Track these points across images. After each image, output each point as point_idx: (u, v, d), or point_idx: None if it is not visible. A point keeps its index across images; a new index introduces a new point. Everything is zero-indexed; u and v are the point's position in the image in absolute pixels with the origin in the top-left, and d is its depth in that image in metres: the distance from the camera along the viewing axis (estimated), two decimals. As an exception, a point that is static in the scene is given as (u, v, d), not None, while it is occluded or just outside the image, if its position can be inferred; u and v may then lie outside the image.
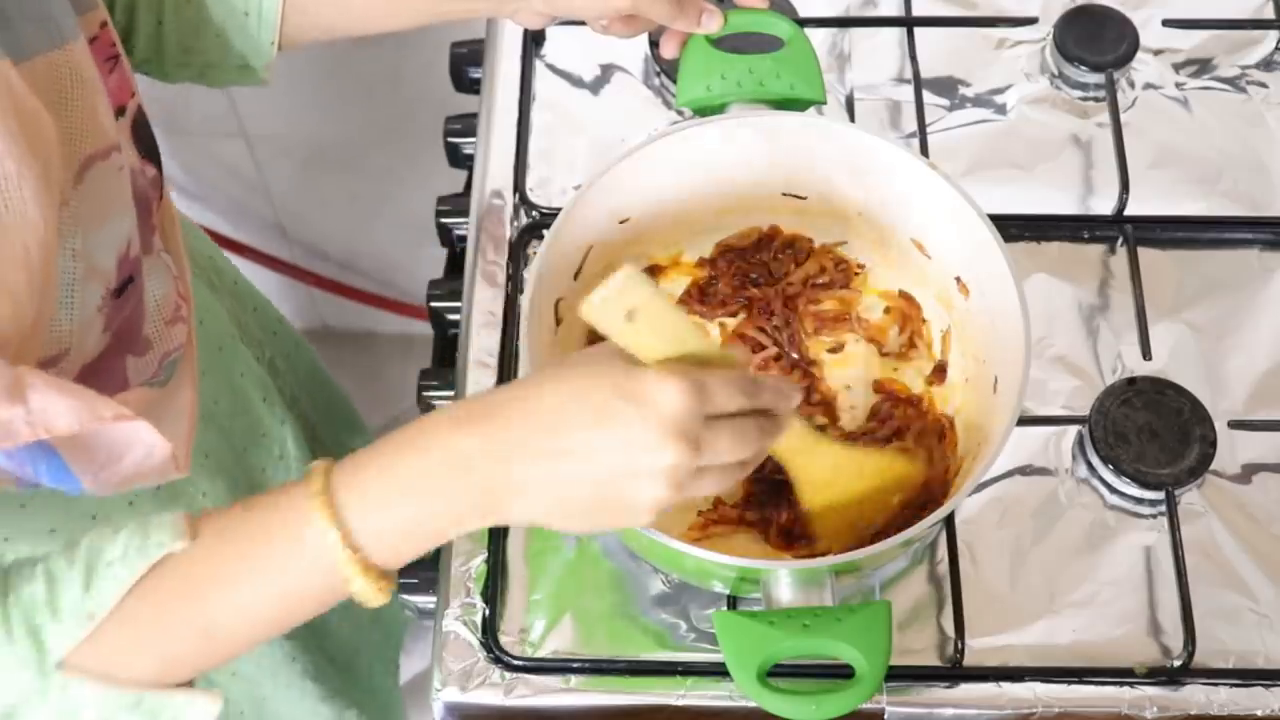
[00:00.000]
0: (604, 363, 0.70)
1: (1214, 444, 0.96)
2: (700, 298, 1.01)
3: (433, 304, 1.12)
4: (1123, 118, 1.10)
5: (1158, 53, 1.16)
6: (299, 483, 0.70)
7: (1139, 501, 0.97)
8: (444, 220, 1.17)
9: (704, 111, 0.98)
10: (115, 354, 0.78)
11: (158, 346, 0.82)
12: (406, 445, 0.70)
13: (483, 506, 0.70)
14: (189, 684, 0.71)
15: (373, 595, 0.70)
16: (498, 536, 0.96)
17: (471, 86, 1.22)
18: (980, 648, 0.92)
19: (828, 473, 0.86)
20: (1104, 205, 1.08)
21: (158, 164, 0.86)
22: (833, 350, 0.99)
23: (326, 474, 0.69)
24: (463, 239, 1.12)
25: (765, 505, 0.92)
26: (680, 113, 1.12)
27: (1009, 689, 0.91)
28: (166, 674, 0.70)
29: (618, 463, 0.68)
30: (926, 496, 0.91)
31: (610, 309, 0.67)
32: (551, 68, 1.16)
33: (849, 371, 0.98)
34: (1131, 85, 1.14)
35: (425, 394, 1.08)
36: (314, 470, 0.70)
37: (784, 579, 0.82)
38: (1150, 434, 0.97)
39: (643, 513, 0.71)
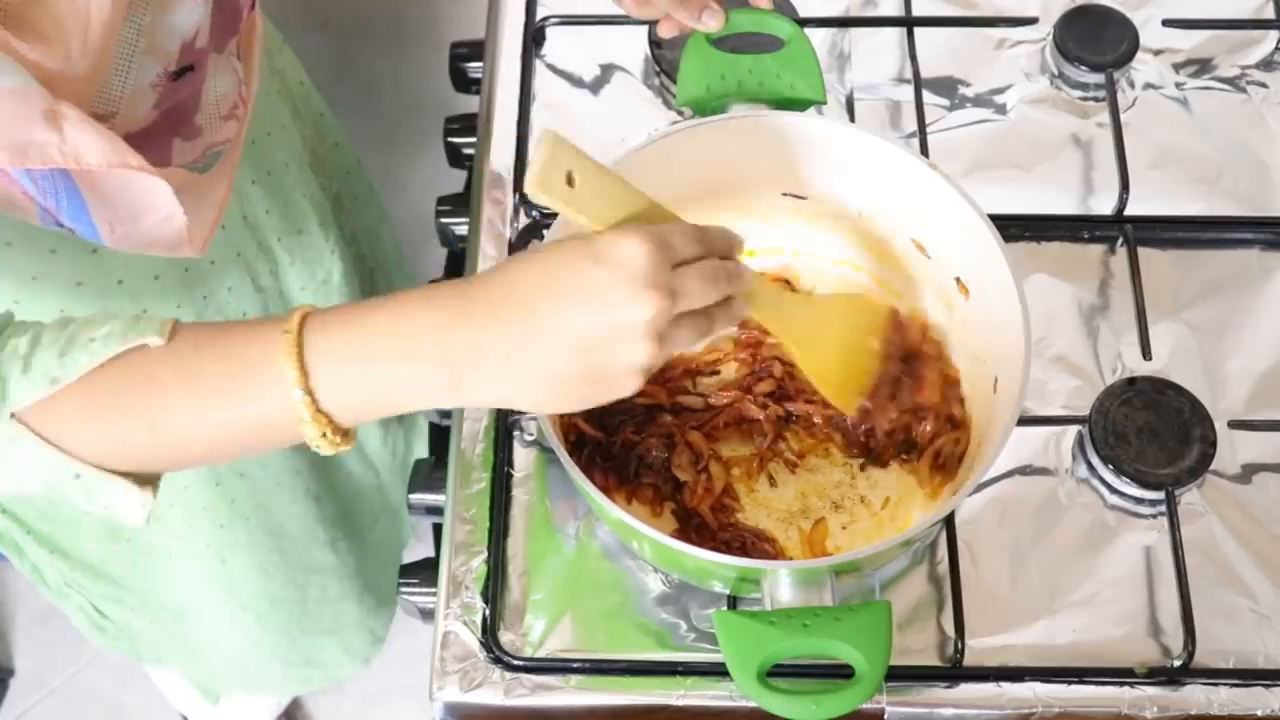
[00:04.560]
0: (565, 242, 0.72)
1: (1214, 444, 0.96)
2: None
3: (433, 304, 1.12)
4: (1123, 118, 1.10)
5: (1158, 53, 1.16)
6: (279, 318, 0.72)
7: (1139, 501, 0.97)
8: (444, 220, 1.17)
9: (704, 111, 0.98)
10: (163, 131, 0.81)
11: (206, 135, 0.85)
12: (382, 309, 0.71)
13: (448, 378, 0.70)
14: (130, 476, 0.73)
15: (323, 443, 0.71)
16: (498, 536, 0.96)
17: (471, 86, 1.22)
18: (980, 648, 0.92)
19: (805, 325, 0.88)
20: (1104, 205, 1.08)
21: None
22: None
23: (304, 317, 0.71)
24: (463, 239, 1.12)
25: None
26: (680, 113, 1.12)
27: (1009, 689, 0.91)
28: (107, 457, 0.71)
29: (599, 326, 0.69)
30: (904, 343, 0.95)
31: (550, 178, 0.70)
32: (551, 68, 1.16)
33: None
34: (1131, 85, 1.14)
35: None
36: (294, 310, 0.72)
37: (784, 579, 0.82)
38: (1150, 434, 0.97)
39: (631, 375, 0.71)
